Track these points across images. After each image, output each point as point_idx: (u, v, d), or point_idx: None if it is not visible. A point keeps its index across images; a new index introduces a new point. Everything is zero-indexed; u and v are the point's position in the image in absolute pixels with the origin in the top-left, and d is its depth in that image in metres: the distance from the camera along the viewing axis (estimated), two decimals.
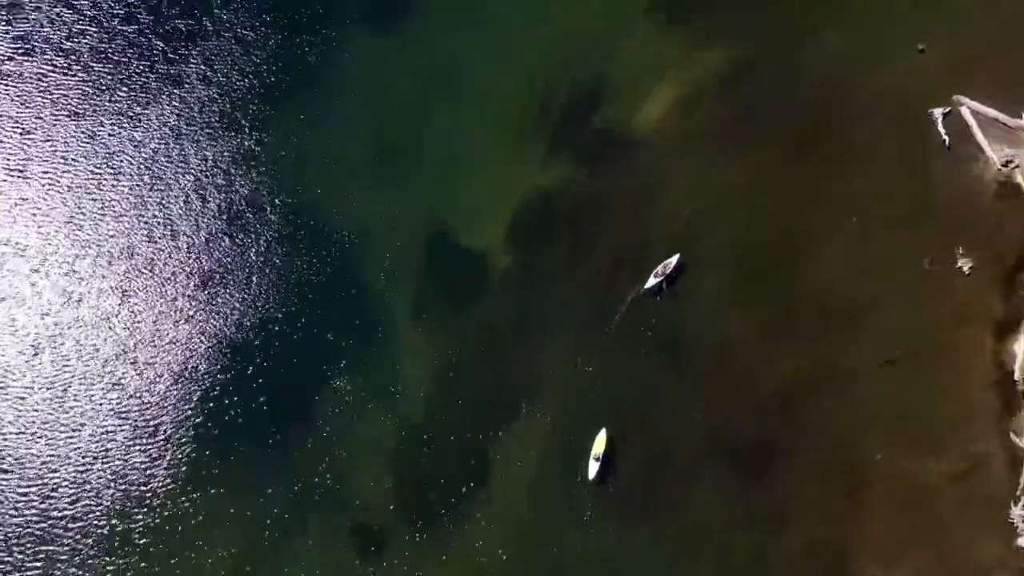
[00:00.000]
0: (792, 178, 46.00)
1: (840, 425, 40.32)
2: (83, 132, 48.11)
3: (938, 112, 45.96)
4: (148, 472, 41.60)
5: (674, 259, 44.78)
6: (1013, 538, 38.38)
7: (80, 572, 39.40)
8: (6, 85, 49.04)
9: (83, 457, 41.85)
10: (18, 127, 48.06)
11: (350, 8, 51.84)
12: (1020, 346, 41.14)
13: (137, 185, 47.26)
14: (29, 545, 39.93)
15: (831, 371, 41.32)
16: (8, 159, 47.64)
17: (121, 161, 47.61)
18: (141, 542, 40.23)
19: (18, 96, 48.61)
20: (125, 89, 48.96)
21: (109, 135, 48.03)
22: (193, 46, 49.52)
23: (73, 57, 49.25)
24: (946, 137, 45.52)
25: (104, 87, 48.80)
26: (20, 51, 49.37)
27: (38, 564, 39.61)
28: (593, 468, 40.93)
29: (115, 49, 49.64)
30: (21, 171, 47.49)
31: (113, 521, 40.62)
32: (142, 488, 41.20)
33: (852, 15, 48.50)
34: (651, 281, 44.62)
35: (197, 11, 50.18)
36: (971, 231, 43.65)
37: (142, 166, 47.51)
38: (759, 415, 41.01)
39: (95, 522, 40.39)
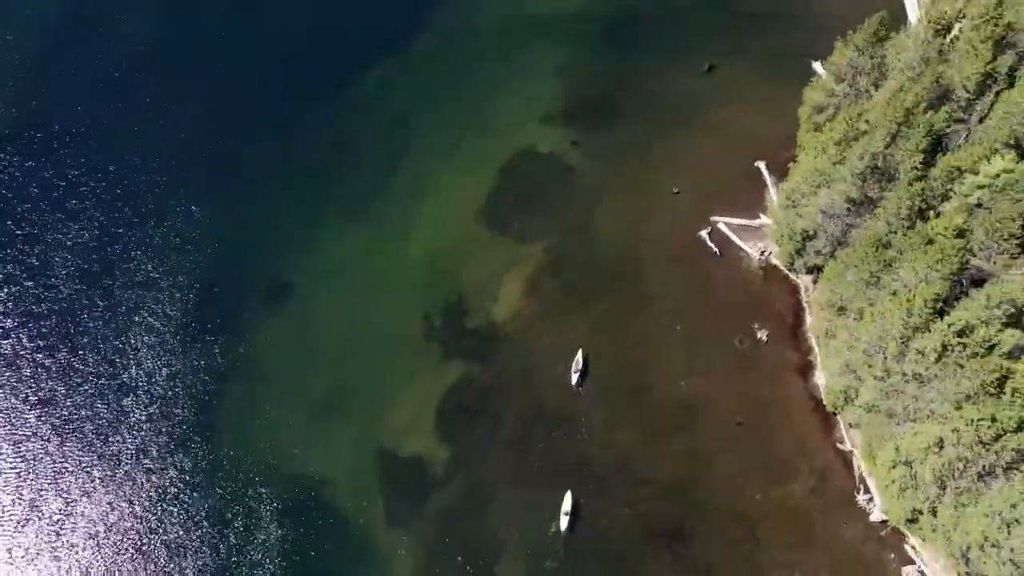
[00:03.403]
0: (623, 315, 64.40)
1: (723, 485, 57.47)
2: (61, 521, 59.18)
3: (704, 232, 66.21)
4: None
5: (579, 354, 62.39)
6: (867, 517, 56.08)
7: None
8: None
9: None
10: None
11: (248, 302, 66.97)
12: (819, 380, 60.13)
13: (121, 537, 58.68)
14: None
15: (701, 449, 58.67)
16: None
17: (100, 525, 58.94)
18: None
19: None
20: (88, 450, 61.43)
21: (86, 509, 59.39)
22: (131, 391, 63.05)
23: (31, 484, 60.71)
24: (716, 249, 65.62)
25: (69, 463, 60.78)
26: None
27: None
28: (564, 521, 57.02)
29: (66, 439, 61.68)
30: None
31: None
32: None
33: (621, 182, 68.75)
34: (574, 378, 61.72)
35: (125, 361, 64.08)
36: (757, 309, 63.38)
37: (120, 519, 59.44)
38: (666, 500, 57.47)
39: None
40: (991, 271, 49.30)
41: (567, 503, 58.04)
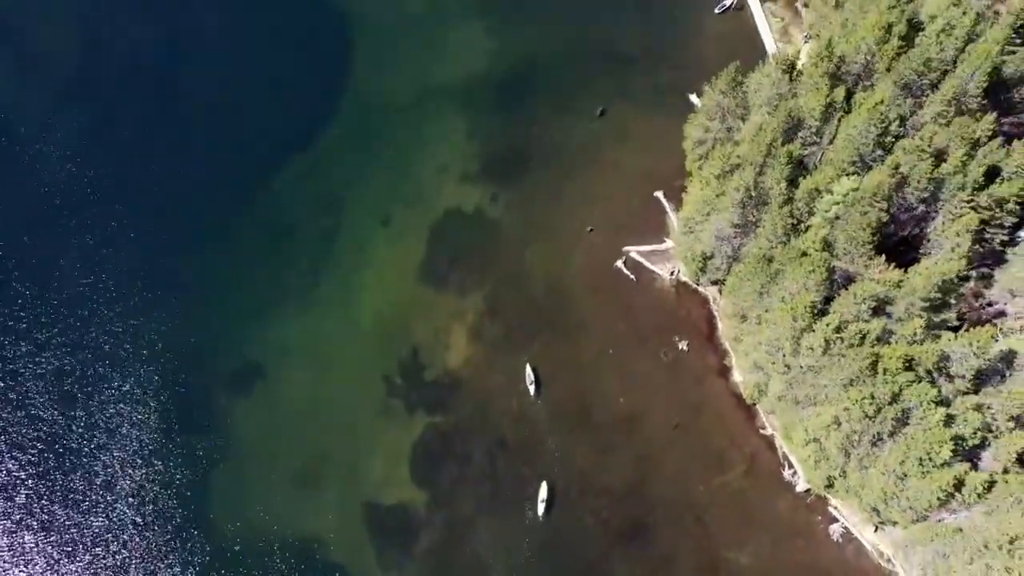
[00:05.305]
0: (561, 347, 73.87)
1: (671, 482, 67.67)
2: None
3: (619, 263, 76.02)
4: None
5: (528, 368, 72.03)
6: (794, 488, 66.92)
7: None
8: None
9: None
10: None
11: (217, 395, 73.67)
12: (737, 377, 70.69)
13: None
14: None
15: (647, 454, 68.72)
16: None
17: None
18: None
19: None
20: (94, 562, 67.83)
21: None
22: (124, 500, 69.55)
23: None
24: (632, 276, 75.59)
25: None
26: None
27: None
28: (540, 508, 67.21)
29: (72, 555, 67.56)
30: None
31: None
32: None
33: (540, 228, 77.90)
34: (531, 389, 71.82)
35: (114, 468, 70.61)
36: (676, 323, 73.68)
37: None
38: (623, 505, 67.32)
39: None
40: (856, 272, 60.31)
41: (543, 492, 68.21)
